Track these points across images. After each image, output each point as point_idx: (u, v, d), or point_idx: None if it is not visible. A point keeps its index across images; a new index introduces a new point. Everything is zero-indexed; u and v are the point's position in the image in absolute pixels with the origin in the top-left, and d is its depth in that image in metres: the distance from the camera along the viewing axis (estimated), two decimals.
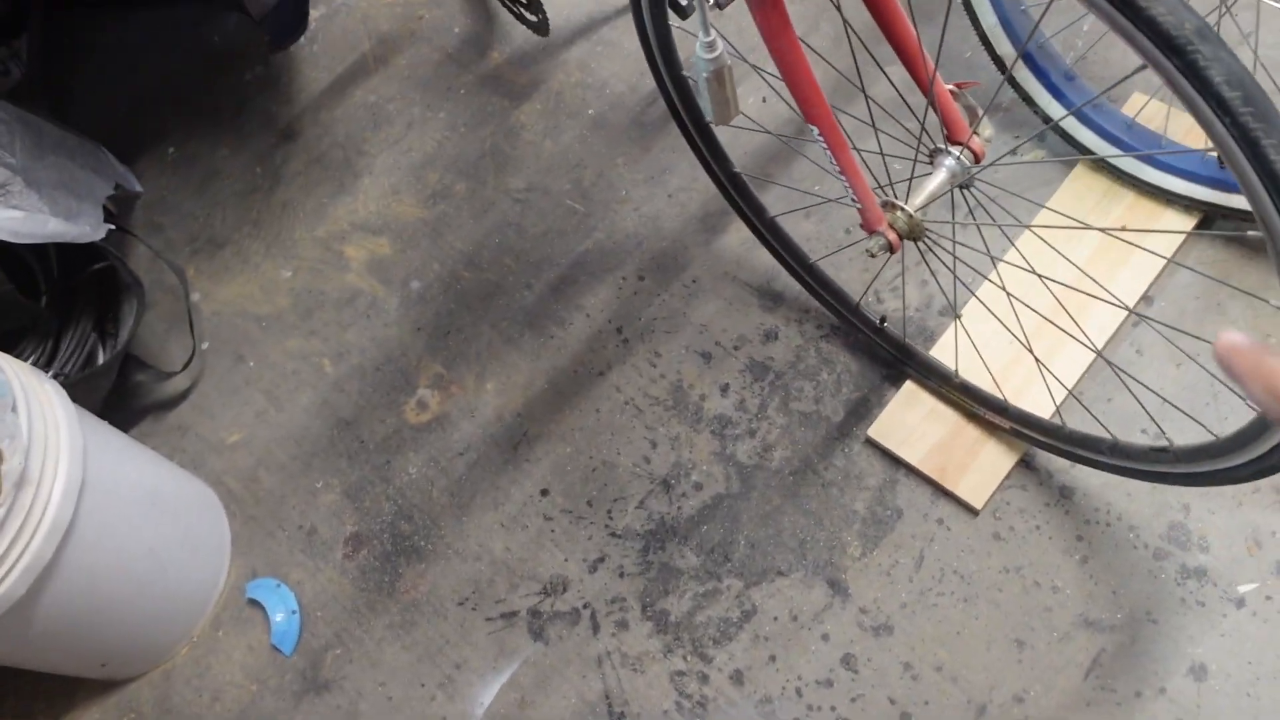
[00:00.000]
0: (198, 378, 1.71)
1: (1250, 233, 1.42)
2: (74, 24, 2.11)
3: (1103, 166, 1.48)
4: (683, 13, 1.05)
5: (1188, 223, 1.43)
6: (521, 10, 1.53)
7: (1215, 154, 1.38)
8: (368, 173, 1.82)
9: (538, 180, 1.73)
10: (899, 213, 1.07)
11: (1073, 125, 1.47)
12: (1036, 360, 1.28)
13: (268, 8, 1.51)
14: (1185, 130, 1.46)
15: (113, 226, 1.54)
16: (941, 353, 1.43)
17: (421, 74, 1.89)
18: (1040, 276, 1.21)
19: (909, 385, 1.43)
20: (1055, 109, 1.47)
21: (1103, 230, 1.28)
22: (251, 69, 1.98)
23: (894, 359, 1.44)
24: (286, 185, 1.85)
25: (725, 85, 1.08)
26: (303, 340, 1.70)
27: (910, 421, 1.41)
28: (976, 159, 1.09)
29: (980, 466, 1.37)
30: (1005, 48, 1.46)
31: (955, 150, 1.07)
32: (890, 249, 1.08)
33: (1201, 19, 0.71)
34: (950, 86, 1.08)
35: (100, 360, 1.64)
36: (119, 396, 1.68)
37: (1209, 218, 1.43)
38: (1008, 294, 1.26)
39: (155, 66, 2.02)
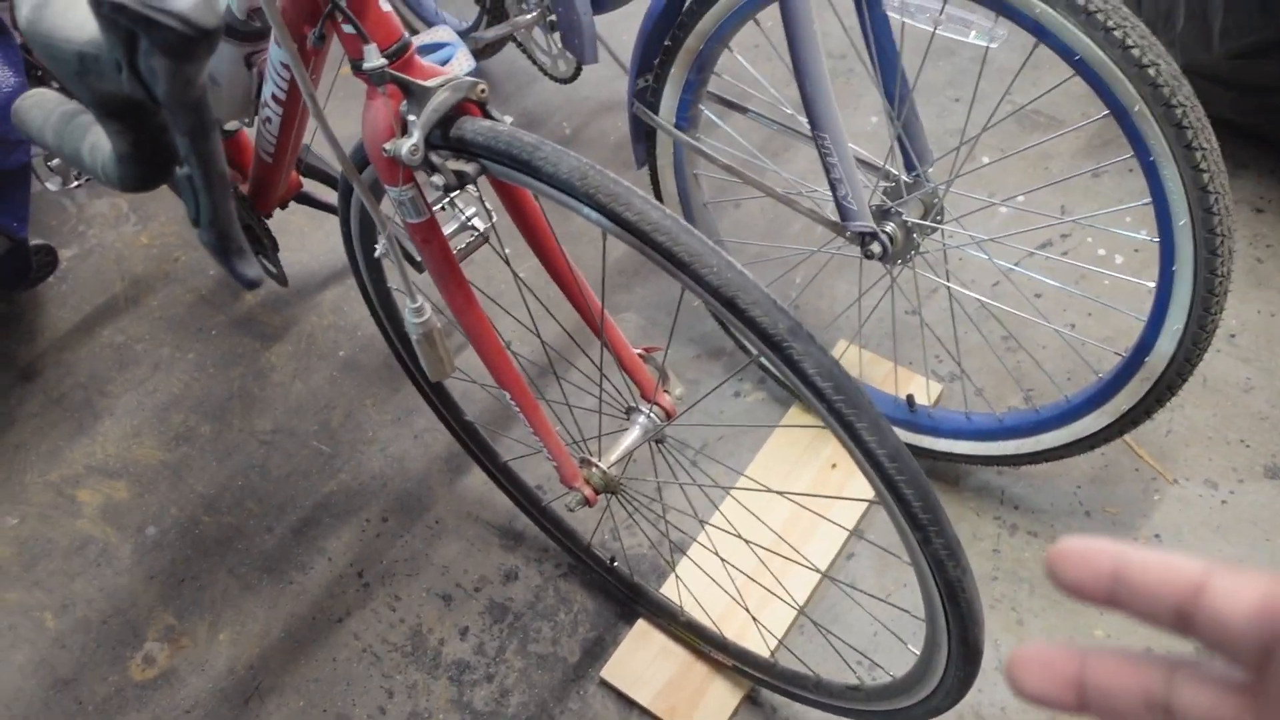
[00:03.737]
0: None
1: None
2: None
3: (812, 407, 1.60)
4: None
5: None
6: (263, 260, 1.58)
7: (906, 397, 1.52)
8: (109, 414, 1.78)
9: (285, 421, 1.74)
10: (594, 469, 1.13)
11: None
12: (748, 612, 1.34)
13: (1, 251, 1.50)
14: (882, 376, 1.60)
15: None
16: (672, 590, 1.47)
17: (173, 314, 1.89)
18: (745, 540, 1.29)
19: (641, 623, 1.46)
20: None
21: (788, 493, 1.37)
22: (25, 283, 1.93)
23: (626, 598, 1.47)
24: (20, 427, 1.78)
25: (436, 345, 1.13)
26: (24, 593, 1.60)
27: (642, 660, 1.43)
28: (668, 415, 1.17)
29: (708, 705, 1.39)
30: None
31: (646, 408, 1.15)
32: (586, 503, 1.13)
33: (793, 320, 0.80)
34: (638, 350, 1.17)
35: None
36: None
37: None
38: (716, 554, 1.33)
39: None
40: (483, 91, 0.92)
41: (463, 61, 1.82)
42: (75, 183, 1.58)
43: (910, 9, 1.18)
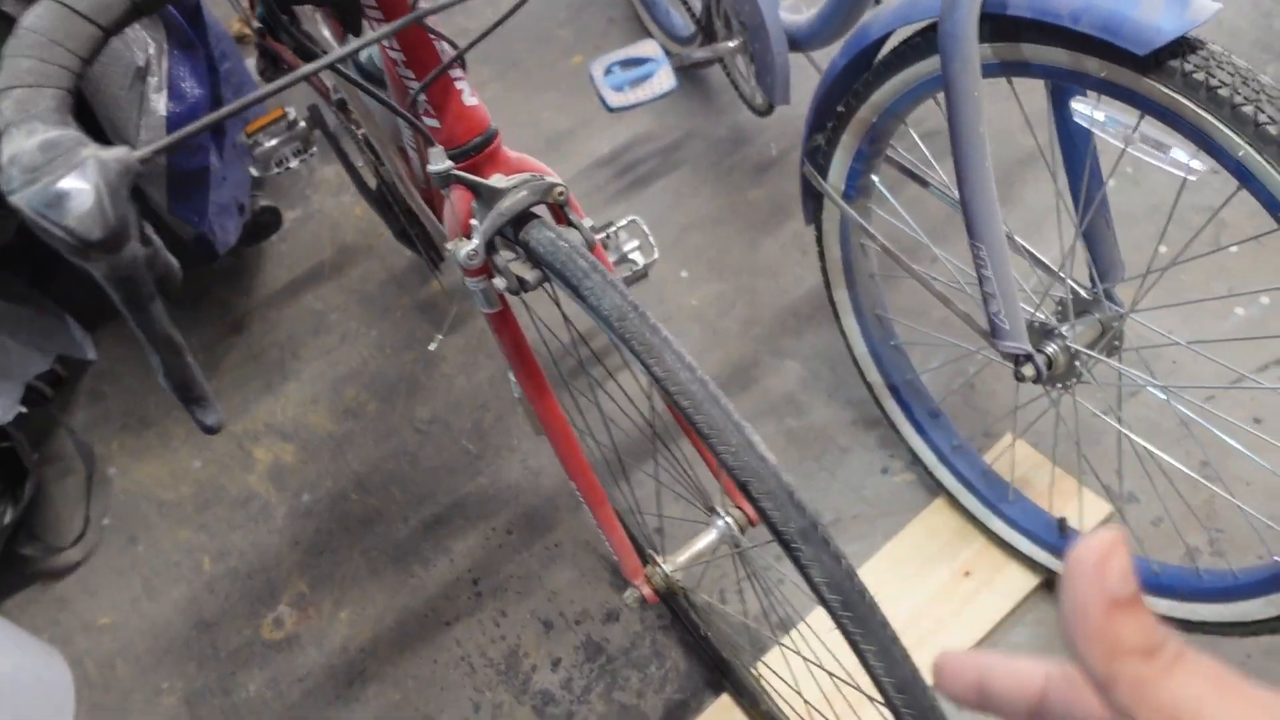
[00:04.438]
0: (92, 551, 1.78)
1: None
2: None
3: (958, 504, 1.47)
4: None
5: (1031, 581, 1.42)
6: (435, 275, 1.62)
7: (1059, 520, 1.37)
8: (295, 377, 1.90)
9: (442, 414, 1.79)
10: (657, 569, 1.09)
11: (932, 462, 1.48)
12: None
13: (191, 236, 1.63)
14: (1045, 484, 1.45)
15: (23, 409, 1.63)
16: (762, 669, 1.41)
17: (367, 289, 1.99)
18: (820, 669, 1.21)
19: (725, 698, 1.41)
20: (916, 442, 1.49)
21: None
22: (223, 257, 2.10)
23: (714, 668, 1.43)
24: (222, 376, 1.94)
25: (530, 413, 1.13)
26: (193, 533, 1.76)
27: None
28: (751, 523, 1.10)
29: None
30: (874, 376, 1.49)
31: (725, 513, 1.09)
32: (644, 602, 1.10)
33: (809, 520, 0.72)
34: None
35: None
36: (7, 565, 1.75)
37: (1051, 582, 1.41)
38: (803, 657, 1.25)
39: None
40: (560, 194, 0.88)
41: (664, 80, 1.78)
42: (276, 169, 1.67)
43: (1102, 121, 1.02)
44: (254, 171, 1.67)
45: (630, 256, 1.56)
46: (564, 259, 0.83)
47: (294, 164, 1.70)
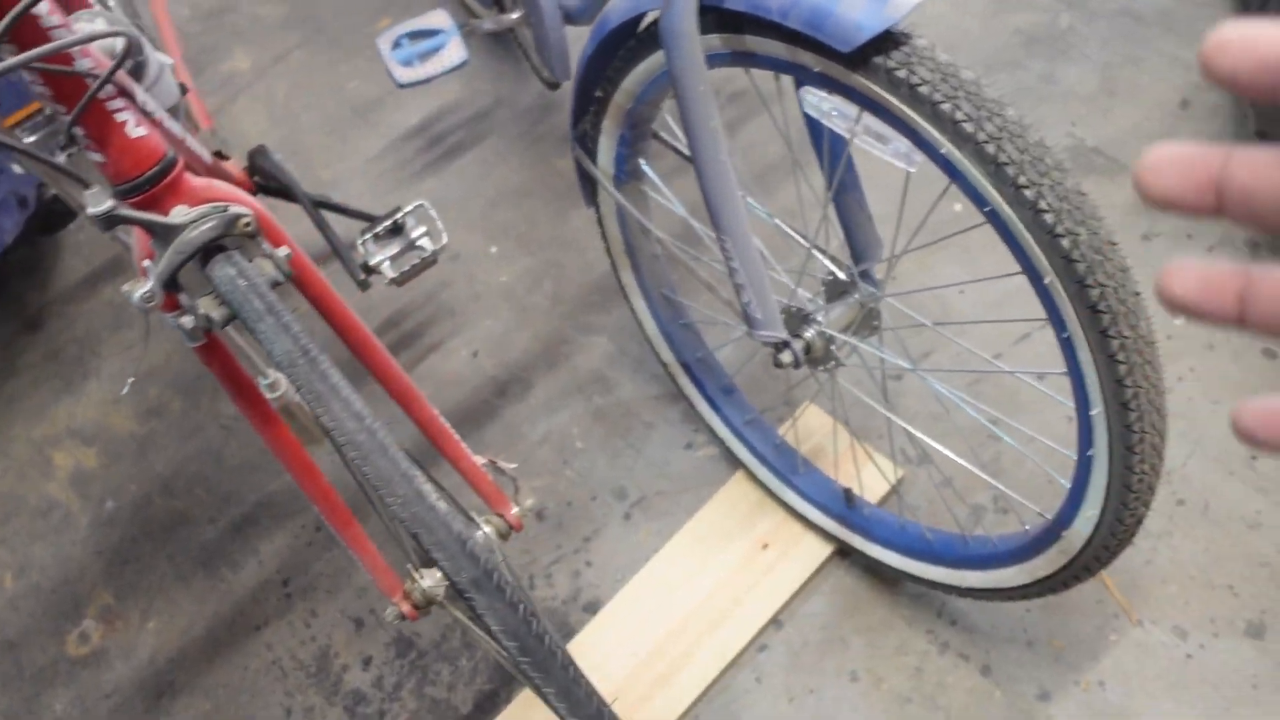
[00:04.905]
0: None
1: None
2: None
3: (756, 477, 1.49)
4: None
5: (825, 550, 1.44)
6: None
7: (844, 491, 1.39)
8: (95, 376, 1.83)
9: None
10: (416, 585, 1.08)
11: (728, 437, 1.49)
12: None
13: None
14: (833, 461, 1.47)
15: None
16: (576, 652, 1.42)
17: None
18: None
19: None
20: (712, 418, 1.49)
21: None
22: (16, 250, 1.99)
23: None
24: (17, 379, 1.85)
25: (296, 418, 1.09)
26: None
27: None
28: (511, 530, 1.10)
29: None
30: (667, 355, 1.49)
31: (482, 523, 1.08)
32: (403, 618, 1.09)
33: (481, 569, 0.72)
34: (481, 460, 1.09)
35: None
36: None
37: (844, 551, 1.44)
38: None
39: None
40: (247, 225, 0.84)
41: (454, 52, 1.72)
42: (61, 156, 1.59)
43: (827, 111, 1.01)
44: (16, 169, 1.58)
45: (419, 244, 1.52)
46: (240, 299, 0.79)
47: (60, 158, 1.61)
